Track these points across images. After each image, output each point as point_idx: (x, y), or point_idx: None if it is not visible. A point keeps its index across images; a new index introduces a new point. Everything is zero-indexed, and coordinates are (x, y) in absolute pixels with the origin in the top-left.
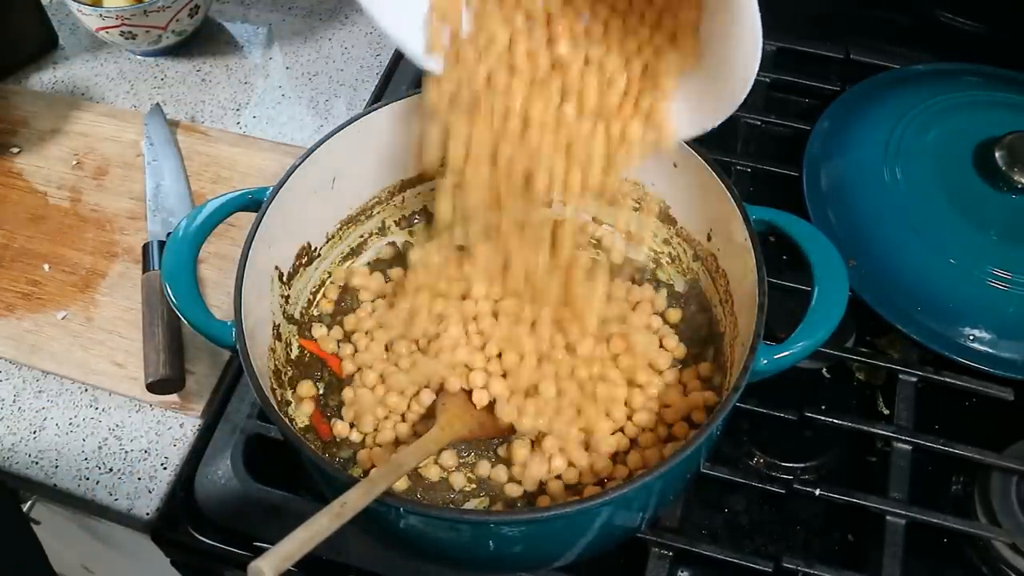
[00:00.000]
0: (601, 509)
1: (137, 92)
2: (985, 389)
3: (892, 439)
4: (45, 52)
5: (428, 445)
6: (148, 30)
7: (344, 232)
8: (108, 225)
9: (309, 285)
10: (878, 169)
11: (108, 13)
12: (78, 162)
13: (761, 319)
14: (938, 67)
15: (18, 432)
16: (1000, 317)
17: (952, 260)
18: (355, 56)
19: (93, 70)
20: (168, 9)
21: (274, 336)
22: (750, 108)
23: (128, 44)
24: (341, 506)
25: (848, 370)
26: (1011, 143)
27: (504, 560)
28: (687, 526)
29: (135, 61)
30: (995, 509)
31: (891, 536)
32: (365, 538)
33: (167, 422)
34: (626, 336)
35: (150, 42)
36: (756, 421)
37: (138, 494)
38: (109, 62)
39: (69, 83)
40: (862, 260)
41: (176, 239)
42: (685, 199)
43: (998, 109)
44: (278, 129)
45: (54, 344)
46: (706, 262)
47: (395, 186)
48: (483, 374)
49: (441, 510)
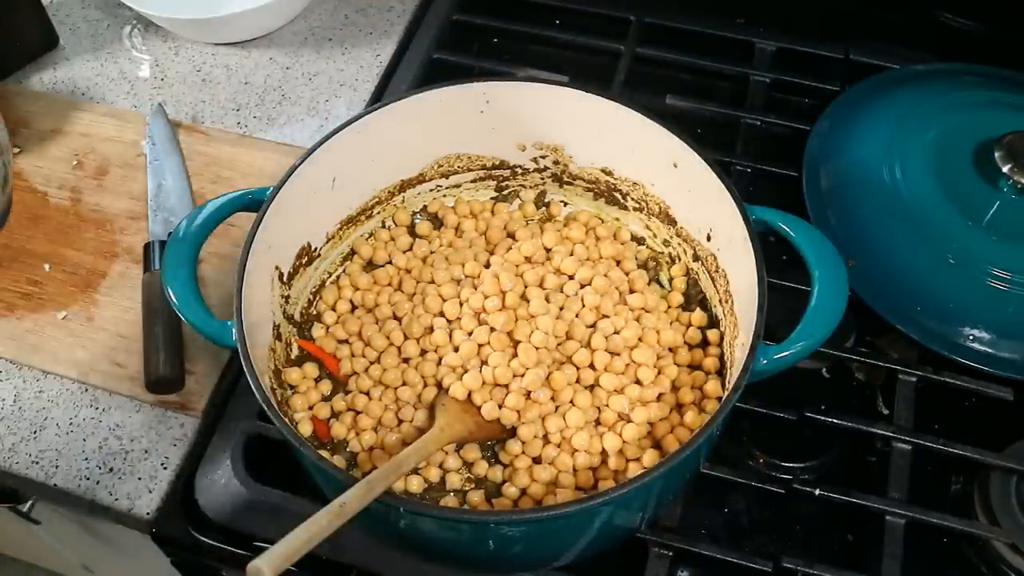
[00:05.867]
0: (601, 509)
1: (137, 92)
2: (985, 389)
3: (892, 439)
4: (45, 52)
5: (427, 446)
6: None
7: (344, 232)
8: (108, 225)
9: (309, 285)
10: (878, 169)
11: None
12: (78, 162)
13: (761, 319)
14: (938, 67)
15: (18, 432)
16: (999, 317)
17: (952, 260)
18: (355, 56)
19: (93, 70)
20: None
21: (274, 336)
22: (750, 108)
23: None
24: (341, 506)
25: (848, 370)
26: (1011, 143)
27: (504, 560)
28: (687, 526)
29: (136, 61)
30: (995, 509)
31: (891, 536)
32: (365, 538)
33: (167, 422)
34: (624, 337)
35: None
36: (756, 421)
37: (138, 494)
38: (110, 62)
39: (69, 83)
40: (862, 260)
41: (176, 239)
42: (685, 199)
43: (998, 109)
44: (278, 129)
45: (54, 344)
46: (706, 262)
47: (395, 186)
48: (481, 375)
49: (441, 510)
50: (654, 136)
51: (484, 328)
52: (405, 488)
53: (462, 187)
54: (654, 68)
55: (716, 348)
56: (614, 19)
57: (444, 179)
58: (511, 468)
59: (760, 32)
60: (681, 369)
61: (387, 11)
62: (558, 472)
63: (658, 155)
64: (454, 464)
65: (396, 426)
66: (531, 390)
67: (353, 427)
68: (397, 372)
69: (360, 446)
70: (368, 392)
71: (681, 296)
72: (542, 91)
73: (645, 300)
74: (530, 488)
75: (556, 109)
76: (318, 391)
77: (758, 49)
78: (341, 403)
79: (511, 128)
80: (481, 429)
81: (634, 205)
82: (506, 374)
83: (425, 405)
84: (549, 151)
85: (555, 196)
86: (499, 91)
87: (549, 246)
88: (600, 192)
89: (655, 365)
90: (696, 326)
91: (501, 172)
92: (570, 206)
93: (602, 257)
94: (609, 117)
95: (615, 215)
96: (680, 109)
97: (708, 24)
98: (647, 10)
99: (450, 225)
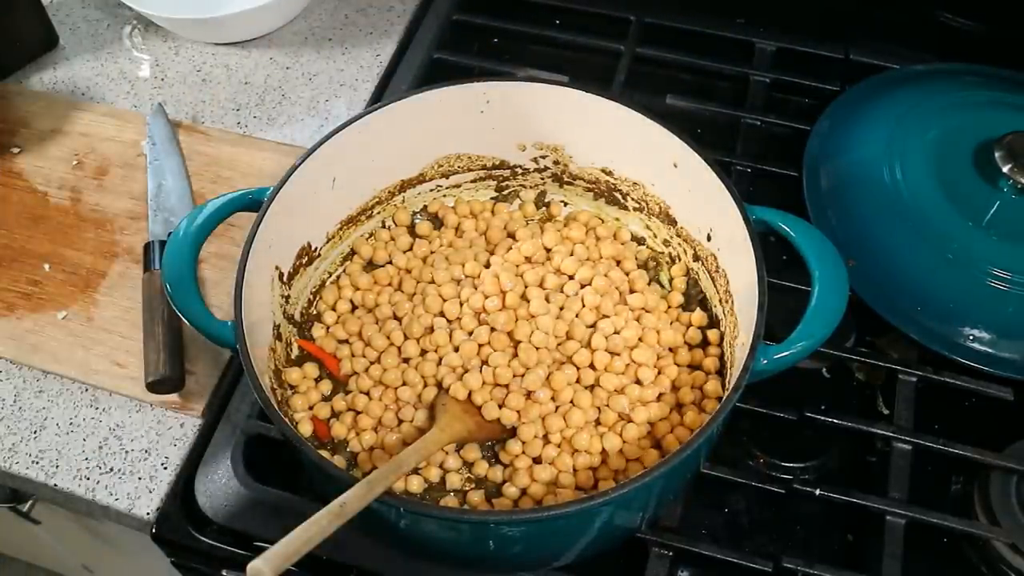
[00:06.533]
0: (601, 509)
1: (137, 92)
2: (985, 389)
3: (892, 439)
4: (45, 52)
5: (427, 446)
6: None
7: (344, 232)
8: (108, 225)
9: (309, 285)
10: (878, 169)
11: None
12: (78, 162)
13: (761, 319)
14: (938, 67)
15: (18, 432)
16: (999, 317)
17: (952, 260)
18: (355, 56)
19: (94, 70)
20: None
21: (274, 336)
22: (750, 108)
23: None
24: (341, 506)
25: (848, 370)
26: (1011, 143)
27: (504, 560)
28: (687, 526)
29: (136, 61)
30: (995, 509)
31: (891, 536)
32: (365, 538)
33: (167, 422)
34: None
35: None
36: (756, 421)
37: (138, 494)
38: (110, 62)
39: (69, 83)
40: (862, 260)
41: (176, 239)
42: (685, 199)
43: (998, 109)
44: (278, 129)
45: (54, 344)
46: (706, 262)
47: (395, 186)
48: (481, 375)
49: (441, 510)
50: (654, 136)
51: (484, 328)
52: (405, 488)
53: (462, 187)
54: (654, 68)
55: (716, 348)
56: (614, 19)
57: (444, 179)
58: (511, 468)
59: (760, 32)
60: (681, 369)
61: (387, 11)
62: (558, 472)
63: (658, 155)
64: (454, 464)
65: (396, 426)
66: (531, 390)
67: (353, 427)
68: (397, 372)
69: (360, 446)
70: (368, 392)
71: (681, 296)
72: (542, 91)
73: (645, 300)
74: (530, 488)
75: (556, 109)
76: (318, 391)
77: (758, 49)
78: (341, 403)
79: (511, 128)
80: (481, 429)
81: (634, 205)
82: (506, 374)
83: (425, 405)
84: (549, 151)
85: (555, 196)
86: (499, 91)
87: (549, 246)
88: (600, 192)
89: (655, 365)
90: (696, 326)
91: (501, 172)
92: (570, 206)
93: (602, 257)
94: (609, 117)
95: (615, 215)
96: (680, 109)
97: (708, 24)
98: (647, 10)
99: (450, 225)
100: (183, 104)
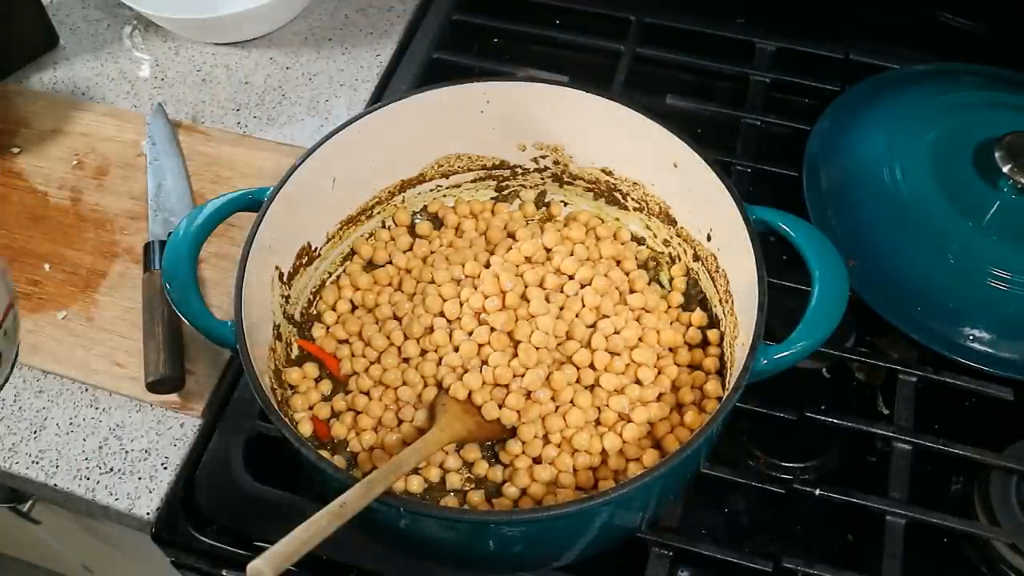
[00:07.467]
0: (601, 509)
1: (137, 92)
2: (985, 389)
3: (892, 439)
4: (45, 52)
5: (427, 446)
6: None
7: (344, 232)
8: (108, 225)
9: (309, 285)
10: (878, 169)
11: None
12: (78, 162)
13: (761, 319)
14: (938, 67)
15: (18, 432)
16: (1000, 317)
17: (952, 260)
18: (355, 56)
19: (94, 70)
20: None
21: (274, 336)
22: (750, 108)
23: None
24: (341, 506)
25: (848, 370)
26: (1011, 143)
27: (504, 560)
28: (687, 526)
29: (136, 61)
30: (995, 509)
31: (891, 536)
32: (365, 538)
33: (167, 422)
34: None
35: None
36: (756, 421)
37: (138, 494)
38: (110, 62)
39: (69, 83)
40: (862, 260)
41: (176, 239)
42: (685, 199)
43: (998, 109)
44: (278, 129)
45: (54, 344)
46: (706, 262)
47: (395, 186)
48: (481, 375)
49: (441, 510)
50: (654, 136)
51: (484, 328)
52: (405, 488)
53: (462, 187)
54: (654, 68)
55: (716, 348)
56: (614, 19)
57: (444, 179)
58: (511, 468)
59: (760, 32)
60: (681, 369)
61: (387, 11)
62: (558, 472)
63: (658, 155)
64: (454, 464)
65: (396, 426)
66: (531, 390)
67: (353, 427)
68: (397, 372)
69: (360, 446)
70: (368, 392)
71: (681, 296)
72: (542, 91)
73: (645, 300)
74: (530, 488)
75: (556, 109)
76: (318, 391)
77: (758, 49)
78: (341, 403)
79: (511, 128)
80: (481, 429)
81: (634, 205)
82: (506, 374)
83: (425, 405)
84: (549, 151)
85: (555, 196)
86: (499, 91)
87: (549, 246)
88: (600, 192)
89: (655, 365)
90: (696, 326)
91: (501, 172)
92: (570, 206)
93: (602, 257)
94: (609, 117)
95: (615, 215)
96: (680, 109)
97: (708, 24)
98: (647, 10)
99: (450, 225)
100: (183, 104)
